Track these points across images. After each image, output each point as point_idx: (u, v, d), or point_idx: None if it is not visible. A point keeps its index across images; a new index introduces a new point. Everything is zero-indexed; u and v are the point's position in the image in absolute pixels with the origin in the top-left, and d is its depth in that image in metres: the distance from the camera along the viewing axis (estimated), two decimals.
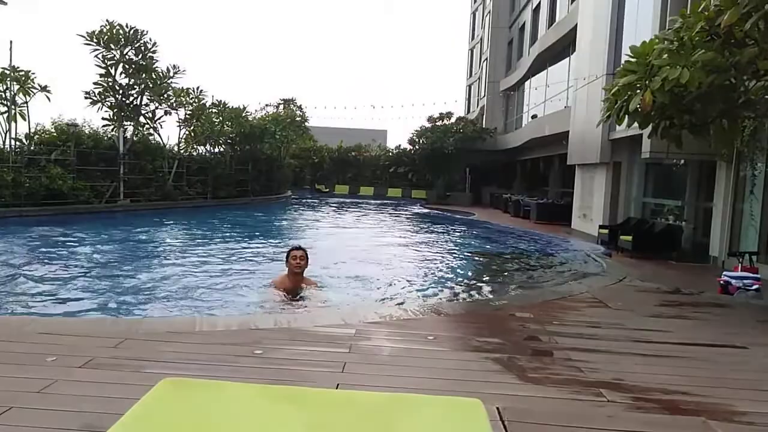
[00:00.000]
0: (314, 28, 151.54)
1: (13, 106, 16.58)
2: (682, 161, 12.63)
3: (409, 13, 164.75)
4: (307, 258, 6.71)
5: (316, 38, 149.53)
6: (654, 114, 6.76)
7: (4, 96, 16.56)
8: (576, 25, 17.55)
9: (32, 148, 17.54)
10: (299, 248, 6.76)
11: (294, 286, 6.65)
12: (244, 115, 25.70)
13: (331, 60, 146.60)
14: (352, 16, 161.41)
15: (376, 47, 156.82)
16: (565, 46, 20.07)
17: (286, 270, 6.76)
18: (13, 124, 16.57)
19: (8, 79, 16.48)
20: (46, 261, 9.17)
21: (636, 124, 7.35)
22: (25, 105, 17.02)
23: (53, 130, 18.90)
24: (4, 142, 16.64)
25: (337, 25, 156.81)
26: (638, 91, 6.56)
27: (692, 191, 12.31)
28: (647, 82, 6.38)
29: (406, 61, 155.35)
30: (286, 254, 6.79)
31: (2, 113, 16.60)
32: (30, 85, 16.96)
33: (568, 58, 20.13)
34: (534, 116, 24.99)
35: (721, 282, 7.49)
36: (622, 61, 7.49)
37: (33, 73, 16.99)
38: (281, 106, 34.91)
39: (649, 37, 7.40)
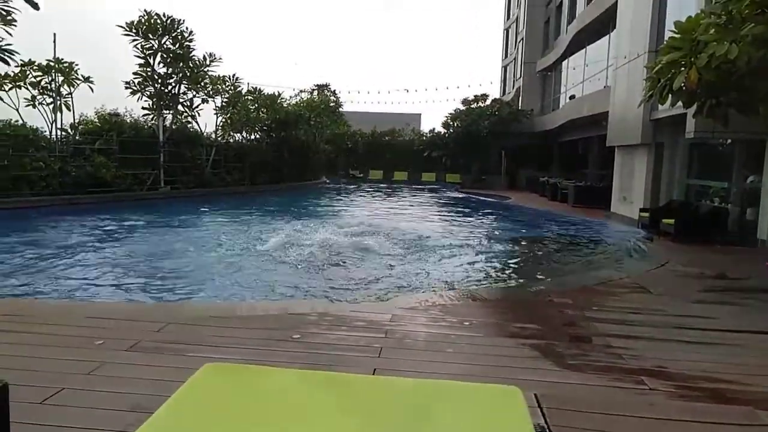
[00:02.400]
0: (347, 12, 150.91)
1: (58, 97, 17.13)
2: (729, 141, 12.13)
3: None
4: None
5: (350, 22, 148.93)
6: (700, 92, 6.52)
7: (49, 87, 17.13)
8: (616, 0, 16.95)
9: (77, 137, 18.12)
10: None
11: None
12: (279, 101, 25.92)
13: (365, 44, 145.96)
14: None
15: (410, 30, 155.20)
16: (604, 24, 19.43)
17: None
18: (58, 114, 17.16)
19: (53, 71, 17.01)
20: (91, 247, 9.51)
21: (680, 103, 7.09)
22: (70, 96, 17.57)
23: (97, 120, 19.47)
24: (50, 133, 17.26)
25: (370, 8, 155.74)
26: (683, 68, 6.32)
27: (739, 172, 11.83)
28: (693, 59, 6.14)
29: (441, 43, 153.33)
30: None
31: (48, 104, 17.18)
32: (74, 77, 17.48)
33: (607, 36, 19.49)
34: (572, 97, 24.35)
35: None
36: (666, 38, 7.21)
37: (76, 65, 17.50)
38: (315, 92, 35.03)
39: (694, 11, 7.10)
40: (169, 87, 19.95)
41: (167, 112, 20.28)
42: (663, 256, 8.91)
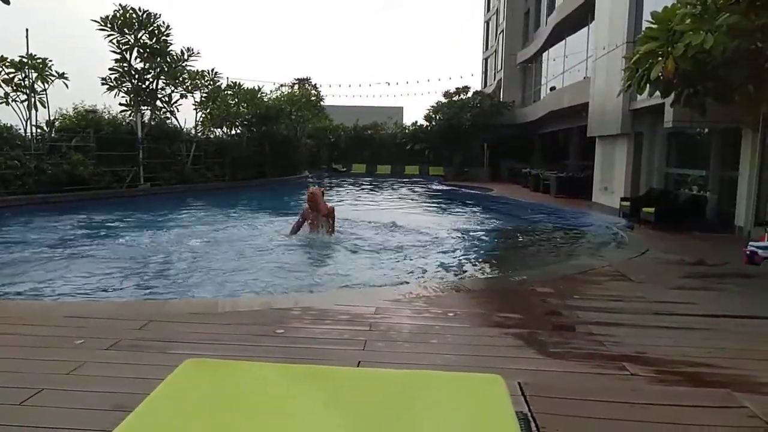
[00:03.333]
0: (327, 4, 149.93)
1: (32, 94, 16.77)
2: (706, 130, 12.31)
3: None
4: (319, 195, 9.42)
5: (330, 16, 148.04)
6: (677, 82, 6.59)
7: (23, 84, 16.75)
8: None
9: (53, 135, 17.76)
10: (309, 188, 9.75)
11: (313, 216, 9.43)
12: (259, 96, 25.67)
13: (345, 37, 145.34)
14: None
15: (391, 22, 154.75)
16: (583, 15, 19.55)
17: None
18: (33, 111, 16.80)
19: (26, 67, 16.64)
20: (70, 246, 9.35)
21: (658, 93, 7.17)
22: (44, 93, 17.21)
23: (74, 117, 19.11)
24: (25, 130, 16.89)
25: (350, 1, 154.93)
26: (660, 58, 6.39)
27: (717, 160, 12.03)
28: (669, 48, 6.20)
29: (422, 36, 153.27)
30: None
31: (22, 101, 16.81)
32: (48, 73, 17.11)
33: (586, 28, 19.62)
34: (552, 88, 24.51)
35: (747, 252, 7.32)
36: (643, 28, 7.28)
37: (50, 61, 17.13)
38: (296, 86, 34.79)
39: (671, 1, 7.17)
40: (147, 82, 19.63)
41: (145, 107, 19.97)
42: (643, 244, 9.04)
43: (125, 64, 18.95)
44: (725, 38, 5.67)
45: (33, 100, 16.79)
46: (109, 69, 18.95)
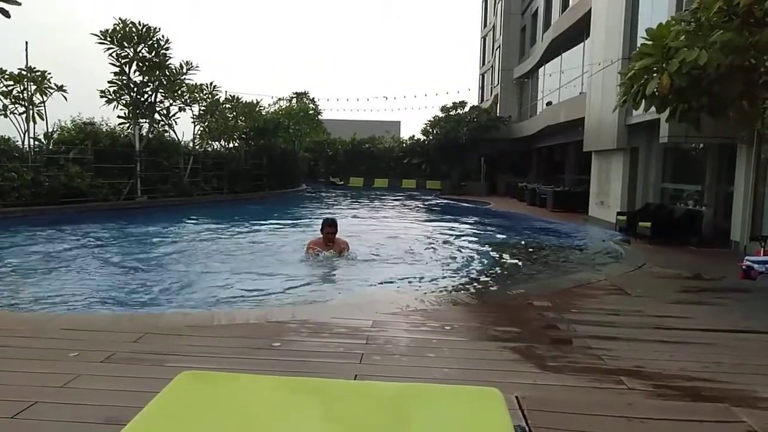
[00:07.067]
0: (325, 19, 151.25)
1: (30, 107, 16.79)
2: (701, 145, 12.39)
3: (420, 3, 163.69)
4: (337, 228, 8.55)
5: (328, 30, 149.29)
6: (672, 97, 6.64)
7: (21, 96, 16.78)
8: (590, 9, 17.26)
9: (51, 147, 17.77)
10: (330, 222, 8.55)
11: (327, 248, 8.49)
12: (257, 109, 25.76)
13: (343, 52, 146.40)
14: (363, 6, 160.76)
15: (389, 37, 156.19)
16: (579, 31, 19.76)
17: (321, 236, 8.59)
18: (31, 124, 16.81)
19: (25, 79, 16.68)
20: (65, 258, 9.30)
21: (653, 108, 7.23)
22: (42, 105, 17.25)
23: (72, 129, 19.13)
24: (23, 142, 16.91)
25: (348, 15, 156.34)
26: (655, 74, 6.44)
27: (712, 175, 12.09)
28: (664, 64, 6.26)
29: (419, 51, 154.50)
30: (321, 225, 8.63)
31: (20, 113, 16.83)
32: (46, 86, 17.15)
33: (582, 44, 19.81)
34: (549, 103, 24.67)
35: (743, 267, 7.33)
36: (638, 45, 7.35)
37: (49, 74, 17.19)
38: (294, 100, 34.91)
39: (665, 19, 7.26)
40: (146, 95, 19.70)
41: (144, 120, 20.01)
42: (640, 258, 9.05)
43: (124, 77, 19.02)
44: (719, 55, 5.73)
45: (31, 112, 16.82)
46: (108, 82, 19.03)
